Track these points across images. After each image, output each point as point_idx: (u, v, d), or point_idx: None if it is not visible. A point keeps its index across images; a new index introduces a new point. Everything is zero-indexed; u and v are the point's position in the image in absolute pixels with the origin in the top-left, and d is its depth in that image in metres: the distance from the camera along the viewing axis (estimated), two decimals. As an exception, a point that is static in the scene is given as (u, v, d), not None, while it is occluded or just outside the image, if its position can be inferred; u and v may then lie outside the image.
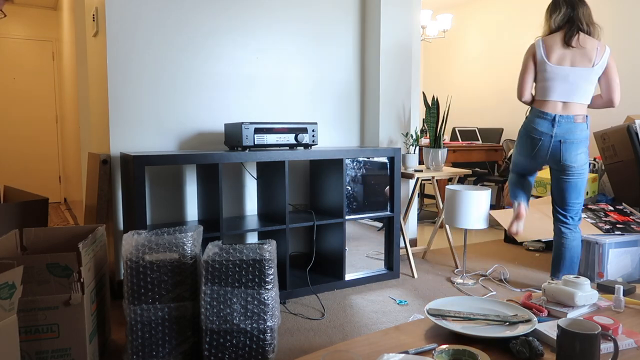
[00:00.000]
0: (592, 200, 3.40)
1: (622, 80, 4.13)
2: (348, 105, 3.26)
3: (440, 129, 3.08)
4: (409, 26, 3.26)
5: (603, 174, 3.54)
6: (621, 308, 1.54)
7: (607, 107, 2.45)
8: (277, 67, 2.97)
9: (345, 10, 3.20)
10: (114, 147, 2.52)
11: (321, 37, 3.12)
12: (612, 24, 4.19)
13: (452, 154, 4.37)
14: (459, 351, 1.17)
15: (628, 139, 3.08)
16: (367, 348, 1.27)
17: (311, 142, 2.62)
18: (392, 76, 3.22)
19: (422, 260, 3.30)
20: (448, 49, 5.99)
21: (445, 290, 2.70)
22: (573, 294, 1.45)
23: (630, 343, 1.28)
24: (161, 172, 2.63)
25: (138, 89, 2.55)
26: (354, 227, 2.83)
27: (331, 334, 2.13)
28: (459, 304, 1.51)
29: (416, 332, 1.37)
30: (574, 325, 1.12)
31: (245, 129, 2.41)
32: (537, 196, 3.54)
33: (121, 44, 2.49)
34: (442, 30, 4.98)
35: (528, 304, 1.50)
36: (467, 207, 2.65)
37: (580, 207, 2.45)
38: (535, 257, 3.41)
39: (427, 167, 3.09)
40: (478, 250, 3.57)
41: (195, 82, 2.71)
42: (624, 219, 2.93)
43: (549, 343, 1.27)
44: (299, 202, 3.07)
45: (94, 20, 2.74)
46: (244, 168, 2.88)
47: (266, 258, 1.79)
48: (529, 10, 4.95)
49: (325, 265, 2.86)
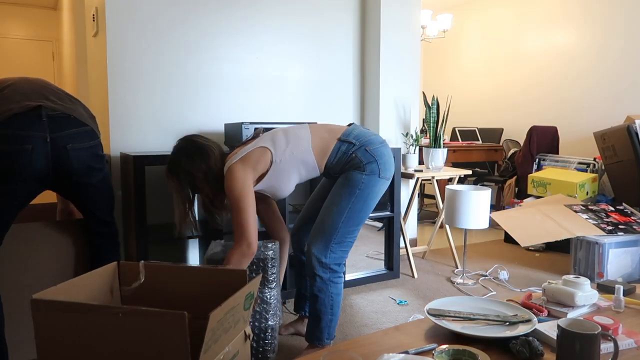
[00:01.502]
0: (592, 201, 3.40)
1: (622, 80, 4.12)
2: (348, 105, 3.26)
3: (440, 129, 3.08)
4: (409, 26, 3.26)
5: (603, 174, 3.54)
6: (621, 308, 1.54)
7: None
8: (277, 67, 2.97)
9: (346, 10, 3.20)
10: (114, 147, 2.51)
11: (321, 37, 3.12)
12: (612, 23, 4.19)
13: (452, 154, 4.37)
14: (459, 351, 1.17)
15: (628, 139, 3.08)
16: (367, 348, 1.27)
17: (311, 142, 2.62)
18: (392, 76, 3.22)
19: (422, 260, 3.30)
20: (448, 49, 5.99)
21: (445, 290, 2.70)
22: (573, 294, 1.45)
23: (630, 343, 1.28)
24: (161, 172, 2.63)
25: (138, 89, 2.55)
26: (354, 227, 2.83)
27: (331, 334, 2.12)
28: (459, 304, 1.51)
29: (416, 332, 1.37)
30: (574, 325, 1.12)
31: (245, 129, 2.41)
32: (537, 196, 3.54)
33: (121, 44, 2.49)
34: (442, 30, 4.98)
35: (528, 304, 1.50)
36: (467, 207, 2.65)
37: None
38: (535, 257, 3.41)
39: (427, 167, 3.09)
40: (478, 250, 3.57)
41: (195, 82, 2.71)
42: (625, 220, 2.93)
43: (549, 343, 1.27)
44: (299, 202, 3.07)
45: (94, 20, 2.74)
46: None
47: (270, 257, 1.79)
48: (529, 10, 4.95)
49: (325, 265, 2.86)
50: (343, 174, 1.80)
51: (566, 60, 4.59)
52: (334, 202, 1.78)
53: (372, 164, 1.77)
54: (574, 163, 3.71)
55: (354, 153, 1.77)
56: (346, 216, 1.77)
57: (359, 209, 1.78)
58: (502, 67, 5.29)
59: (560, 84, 4.66)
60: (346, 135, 1.81)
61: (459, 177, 3.14)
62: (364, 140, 1.80)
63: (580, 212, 2.99)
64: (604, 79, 4.28)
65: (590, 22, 4.36)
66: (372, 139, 1.81)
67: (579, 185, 3.34)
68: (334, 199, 1.79)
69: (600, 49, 4.30)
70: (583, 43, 4.44)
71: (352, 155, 1.77)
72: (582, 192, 3.36)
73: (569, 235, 2.71)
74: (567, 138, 4.58)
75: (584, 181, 3.36)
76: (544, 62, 4.80)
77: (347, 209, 1.76)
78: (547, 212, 3.11)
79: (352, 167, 1.78)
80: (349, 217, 1.77)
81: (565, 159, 3.78)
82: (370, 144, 1.79)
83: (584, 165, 3.64)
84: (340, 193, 1.78)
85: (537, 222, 2.93)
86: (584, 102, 4.46)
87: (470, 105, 5.73)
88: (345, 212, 1.76)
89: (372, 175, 1.77)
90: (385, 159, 1.80)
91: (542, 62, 4.83)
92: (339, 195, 1.78)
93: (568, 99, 4.60)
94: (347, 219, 1.77)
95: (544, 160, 3.92)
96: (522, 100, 5.07)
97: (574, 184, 3.34)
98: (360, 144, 1.78)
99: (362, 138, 1.80)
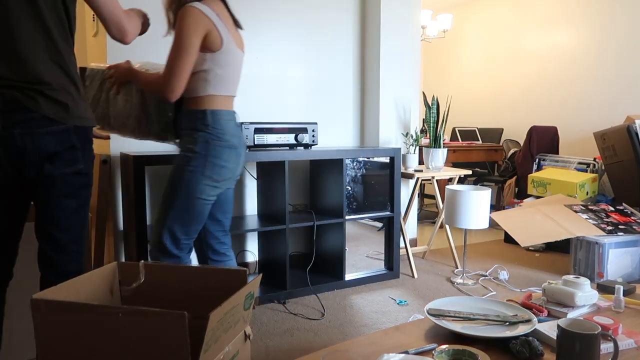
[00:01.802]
0: (592, 201, 3.40)
1: (622, 80, 4.12)
2: (348, 105, 3.26)
3: (440, 129, 3.08)
4: (409, 26, 3.26)
5: (603, 174, 3.54)
6: (621, 308, 1.54)
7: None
8: (277, 67, 2.97)
9: (346, 10, 3.19)
10: (114, 147, 2.51)
11: (321, 37, 3.12)
12: (612, 24, 4.19)
13: (452, 154, 4.37)
14: (459, 351, 1.17)
15: (628, 139, 3.08)
16: (367, 348, 1.27)
17: (311, 142, 2.62)
18: (392, 76, 3.22)
19: (422, 260, 3.30)
20: (448, 49, 5.99)
21: (445, 290, 2.70)
22: (573, 294, 1.45)
23: (630, 343, 1.28)
24: (161, 172, 2.63)
25: (138, 89, 2.55)
26: (354, 227, 2.83)
27: (331, 334, 2.13)
28: (459, 304, 1.51)
29: (416, 332, 1.37)
30: (574, 325, 1.12)
31: (245, 129, 2.41)
32: (537, 196, 3.54)
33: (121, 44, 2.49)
34: (442, 30, 4.98)
35: (528, 304, 1.50)
36: (467, 207, 2.65)
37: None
38: (535, 257, 3.41)
39: (427, 167, 3.09)
40: (478, 250, 3.57)
41: (195, 82, 2.71)
42: (625, 220, 2.93)
43: (549, 343, 1.27)
44: (299, 202, 3.07)
45: (94, 20, 2.74)
46: (244, 168, 2.88)
47: None
48: (528, 10, 4.95)
49: (325, 265, 2.86)
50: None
51: (566, 60, 4.59)
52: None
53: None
54: (574, 163, 3.71)
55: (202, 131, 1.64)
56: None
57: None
58: (502, 67, 5.29)
59: (560, 84, 4.66)
60: (220, 116, 1.66)
61: (459, 177, 3.14)
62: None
63: (580, 212, 2.99)
64: (604, 79, 4.28)
65: (590, 22, 4.36)
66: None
67: (579, 185, 3.34)
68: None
69: (600, 49, 4.30)
70: (583, 43, 4.44)
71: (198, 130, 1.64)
72: (582, 192, 3.36)
73: (569, 235, 2.71)
74: (567, 138, 4.58)
75: (584, 181, 3.36)
76: (544, 62, 4.80)
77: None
78: (547, 212, 3.11)
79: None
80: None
81: (565, 159, 3.78)
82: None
83: (584, 165, 3.64)
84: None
85: (537, 222, 2.92)
86: (584, 102, 4.46)
87: (470, 105, 5.73)
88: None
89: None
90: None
91: (542, 62, 4.83)
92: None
93: (568, 99, 4.60)
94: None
95: (544, 160, 3.92)
96: (522, 100, 5.07)
97: (574, 184, 3.34)
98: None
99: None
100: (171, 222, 1.65)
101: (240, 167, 1.75)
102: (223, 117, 1.65)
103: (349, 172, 2.72)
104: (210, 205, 1.71)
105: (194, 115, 1.64)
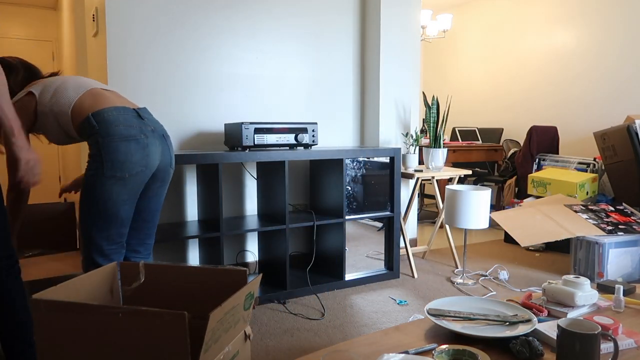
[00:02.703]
0: (592, 201, 3.40)
1: (622, 80, 4.12)
2: (348, 105, 3.26)
3: (440, 129, 3.08)
4: (409, 26, 3.26)
5: (603, 174, 3.54)
6: (621, 308, 1.54)
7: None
8: (277, 67, 2.97)
9: (346, 10, 3.20)
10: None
11: (321, 37, 3.12)
12: (612, 23, 4.19)
13: (452, 154, 4.37)
14: (459, 351, 1.17)
15: (628, 139, 3.08)
16: (367, 348, 1.27)
17: (311, 142, 2.62)
18: (392, 76, 3.22)
19: (422, 260, 3.30)
20: (448, 49, 5.99)
21: (445, 290, 2.70)
22: (573, 294, 1.45)
23: (630, 343, 1.28)
24: (161, 172, 2.63)
25: (138, 89, 2.55)
26: (354, 227, 2.83)
27: (331, 334, 2.13)
28: (459, 304, 1.51)
29: (416, 332, 1.37)
30: (574, 325, 1.12)
31: (245, 129, 2.41)
32: (537, 196, 3.54)
33: (121, 44, 2.49)
34: (442, 30, 4.98)
35: (528, 304, 1.50)
36: (467, 207, 2.65)
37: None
38: (535, 257, 3.41)
39: (427, 167, 3.09)
40: (478, 250, 3.57)
41: (195, 82, 2.71)
42: (625, 220, 2.93)
43: (549, 343, 1.27)
44: (299, 202, 3.07)
45: (94, 20, 2.74)
46: (244, 168, 2.88)
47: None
48: (529, 10, 4.95)
49: (325, 265, 2.86)
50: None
51: (566, 60, 4.59)
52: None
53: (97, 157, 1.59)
54: (574, 163, 3.71)
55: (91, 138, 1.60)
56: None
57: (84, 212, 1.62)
58: (502, 67, 5.29)
59: (560, 84, 4.66)
60: (103, 112, 1.60)
61: (459, 177, 3.14)
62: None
63: (580, 212, 2.99)
64: (604, 79, 4.28)
65: (590, 22, 4.36)
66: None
67: (579, 185, 3.34)
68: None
69: (599, 49, 4.30)
70: (583, 43, 4.44)
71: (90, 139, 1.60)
72: (582, 192, 3.36)
73: (569, 235, 2.71)
74: (567, 138, 4.58)
75: (584, 181, 3.36)
76: (544, 62, 4.80)
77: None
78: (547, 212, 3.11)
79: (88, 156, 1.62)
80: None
81: (565, 159, 3.78)
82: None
83: (584, 165, 3.64)
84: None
85: (537, 222, 2.93)
86: (584, 102, 4.46)
87: (470, 105, 5.73)
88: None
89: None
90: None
91: (542, 62, 4.83)
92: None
93: (568, 99, 4.60)
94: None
95: (544, 160, 3.92)
96: (522, 100, 5.07)
97: (574, 184, 3.34)
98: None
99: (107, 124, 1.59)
100: (90, 231, 1.61)
101: (153, 157, 1.67)
102: (106, 114, 1.60)
103: (349, 172, 2.72)
104: (129, 206, 1.65)
105: (82, 127, 1.61)
